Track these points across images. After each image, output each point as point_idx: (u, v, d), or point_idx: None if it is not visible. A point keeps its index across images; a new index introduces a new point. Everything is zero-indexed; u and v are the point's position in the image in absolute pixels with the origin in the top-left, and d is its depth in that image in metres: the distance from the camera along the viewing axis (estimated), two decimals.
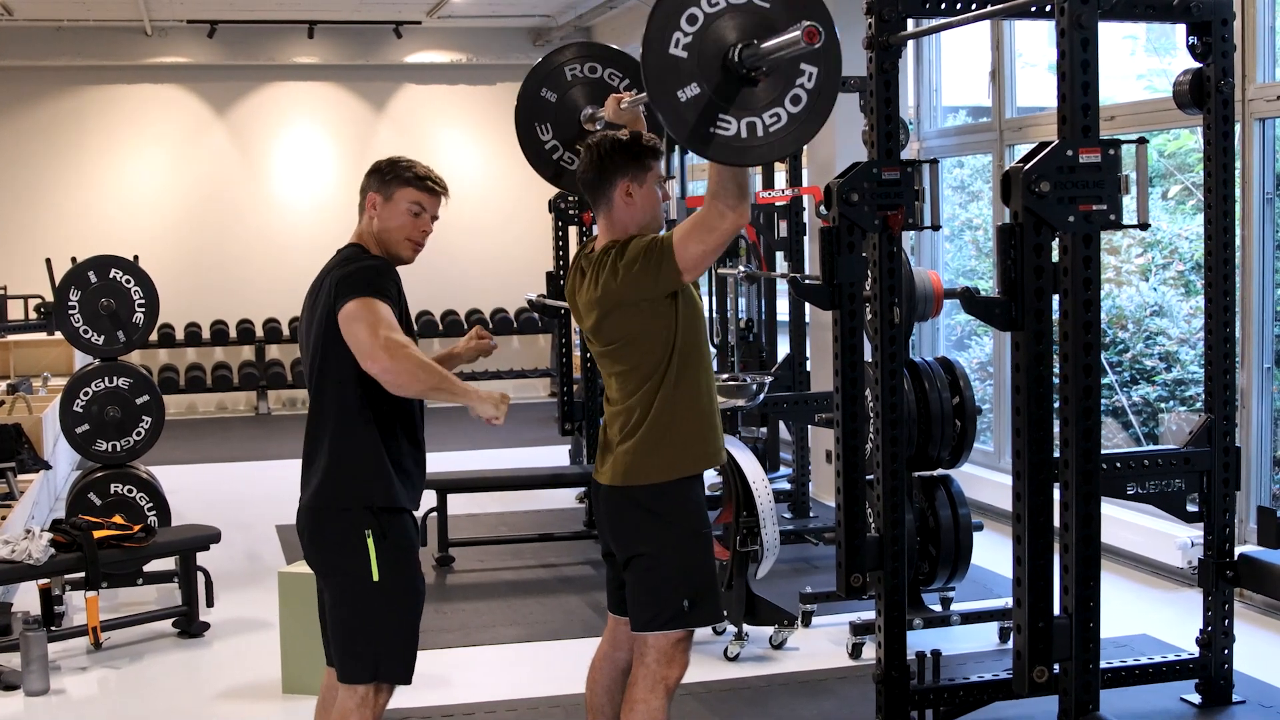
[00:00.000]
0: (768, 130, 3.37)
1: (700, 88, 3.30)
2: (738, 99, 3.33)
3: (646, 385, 3.67)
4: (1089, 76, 3.81)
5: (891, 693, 4.59)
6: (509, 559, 7.39)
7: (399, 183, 3.66)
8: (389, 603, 3.56)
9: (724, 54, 3.32)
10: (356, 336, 3.45)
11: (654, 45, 3.29)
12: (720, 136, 3.33)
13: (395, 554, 3.56)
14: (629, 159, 3.67)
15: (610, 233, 3.73)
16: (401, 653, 3.60)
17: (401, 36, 13.48)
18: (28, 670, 5.37)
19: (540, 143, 4.79)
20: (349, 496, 3.56)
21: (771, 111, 3.37)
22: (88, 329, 6.93)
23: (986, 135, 8.24)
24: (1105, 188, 3.78)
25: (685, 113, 3.30)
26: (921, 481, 5.61)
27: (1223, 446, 4.73)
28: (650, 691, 3.67)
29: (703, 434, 3.73)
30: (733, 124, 3.34)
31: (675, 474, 3.69)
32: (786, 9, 3.36)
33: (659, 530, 3.69)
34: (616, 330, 3.68)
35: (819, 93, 3.41)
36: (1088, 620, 3.97)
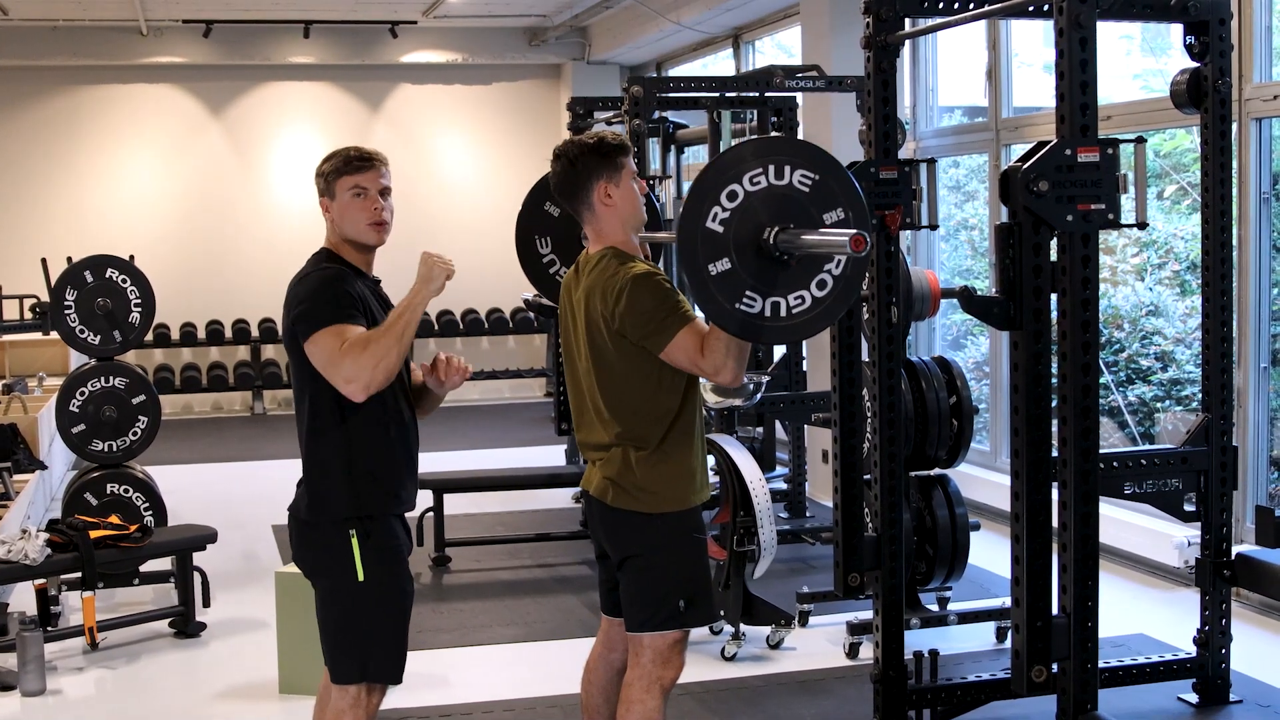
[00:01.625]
0: (791, 311, 3.39)
1: (731, 263, 3.33)
2: (766, 278, 3.35)
3: (635, 416, 3.64)
4: (1087, 76, 3.82)
5: (889, 692, 4.59)
6: (506, 559, 7.38)
7: (334, 176, 3.61)
8: (376, 603, 3.54)
9: (759, 234, 3.34)
10: (328, 378, 3.45)
11: (691, 217, 3.33)
12: (744, 313, 3.35)
13: (380, 554, 3.54)
14: (600, 159, 3.65)
15: (600, 238, 3.72)
16: (390, 652, 3.58)
17: (397, 36, 13.47)
18: (24, 670, 5.36)
19: (538, 255, 4.78)
20: (322, 509, 3.55)
21: (797, 294, 3.39)
22: (84, 329, 6.92)
23: (983, 135, 8.24)
24: (1103, 187, 3.78)
25: (713, 285, 3.33)
26: (919, 481, 5.61)
27: (1220, 446, 4.73)
28: (646, 692, 3.66)
29: (691, 471, 3.71)
30: (758, 301, 3.36)
31: (662, 508, 3.67)
32: (822, 196, 3.38)
33: (653, 531, 3.68)
34: (608, 356, 3.65)
35: (845, 279, 3.42)
36: (1086, 620, 3.97)
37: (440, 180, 14.04)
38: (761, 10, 10.65)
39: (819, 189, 3.37)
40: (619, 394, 3.64)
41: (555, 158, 3.72)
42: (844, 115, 8.26)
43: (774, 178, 3.35)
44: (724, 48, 11.90)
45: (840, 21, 8.60)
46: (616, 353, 3.61)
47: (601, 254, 3.68)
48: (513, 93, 14.29)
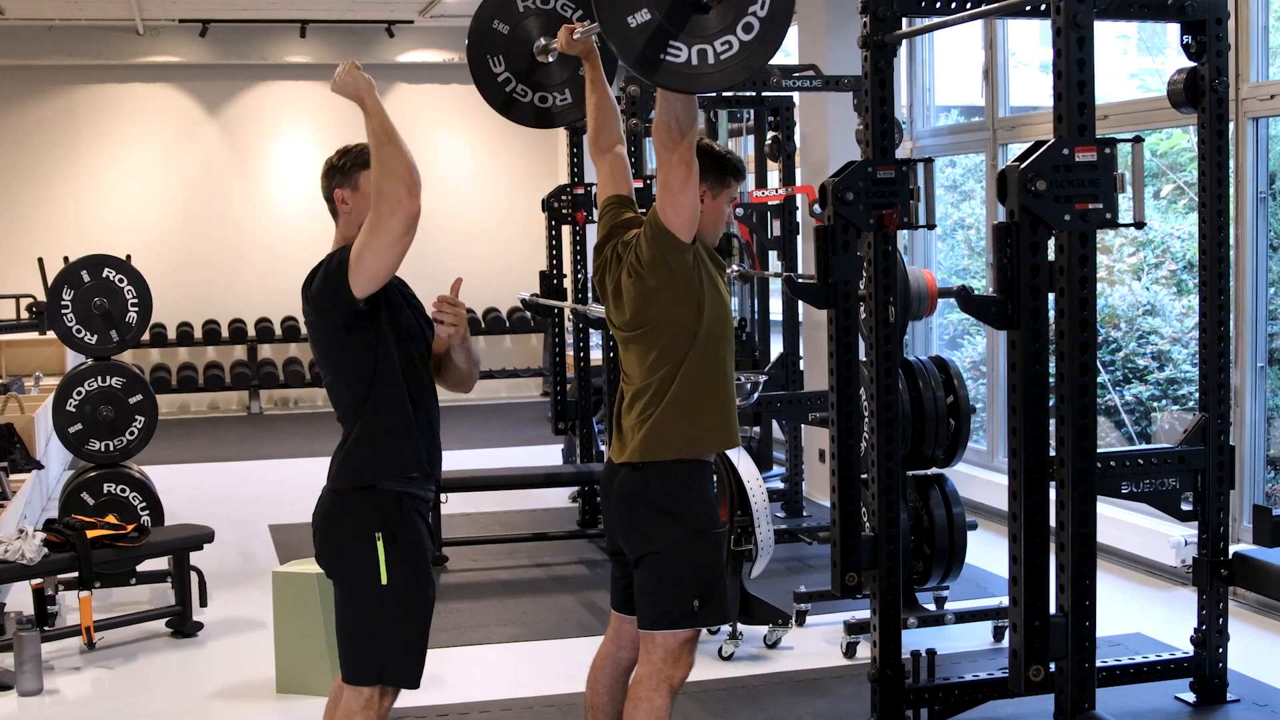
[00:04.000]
0: (719, 57, 3.34)
1: (651, 13, 3.28)
2: (688, 25, 3.30)
3: (668, 366, 3.68)
4: (1085, 75, 3.82)
5: (886, 692, 4.59)
6: (503, 558, 7.38)
7: (359, 168, 3.52)
8: (398, 606, 3.50)
9: None
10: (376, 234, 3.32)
11: None
12: (669, 63, 3.30)
13: (406, 556, 3.49)
14: (714, 167, 3.71)
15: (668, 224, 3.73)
16: (409, 656, 3.54)
17: (394, 36, 13.46)
18: (21, 670, 5.35)
19: (493, 75, 4.71)
20: (366, 472, 3.50)
21: (723, 39, 3.33)
22: (81, 328, 6.91)
23: (980, 134, 8.24)
24: (1101, 186, 3.78)
25: (635, 38, 3.28)
26: (916, 480, 5.61)
27: (1217, 445, 4.74)
28: (655, 690, 3.66)
29: (724, 413, 3.74)
30: (683, 51, 3.31)
31: (695, 452, 3.70)
32: None
33: (670, 529, 3.68)
34: (646, 315, 3.68)
35: (771, 19, 3.36)
36: (1083, 619, 3.97)
37: (437, 180, 13.98)
38: None
39: None
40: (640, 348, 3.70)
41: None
42: (841, 115, 8.26)
43: None
44: None
45: (837, 21, 8.60)
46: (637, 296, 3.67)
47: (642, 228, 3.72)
48: None
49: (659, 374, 3.70)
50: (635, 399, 3.76)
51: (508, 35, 4.65)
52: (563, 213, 8.07)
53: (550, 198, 8.16)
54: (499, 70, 4.70)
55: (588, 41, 4.14)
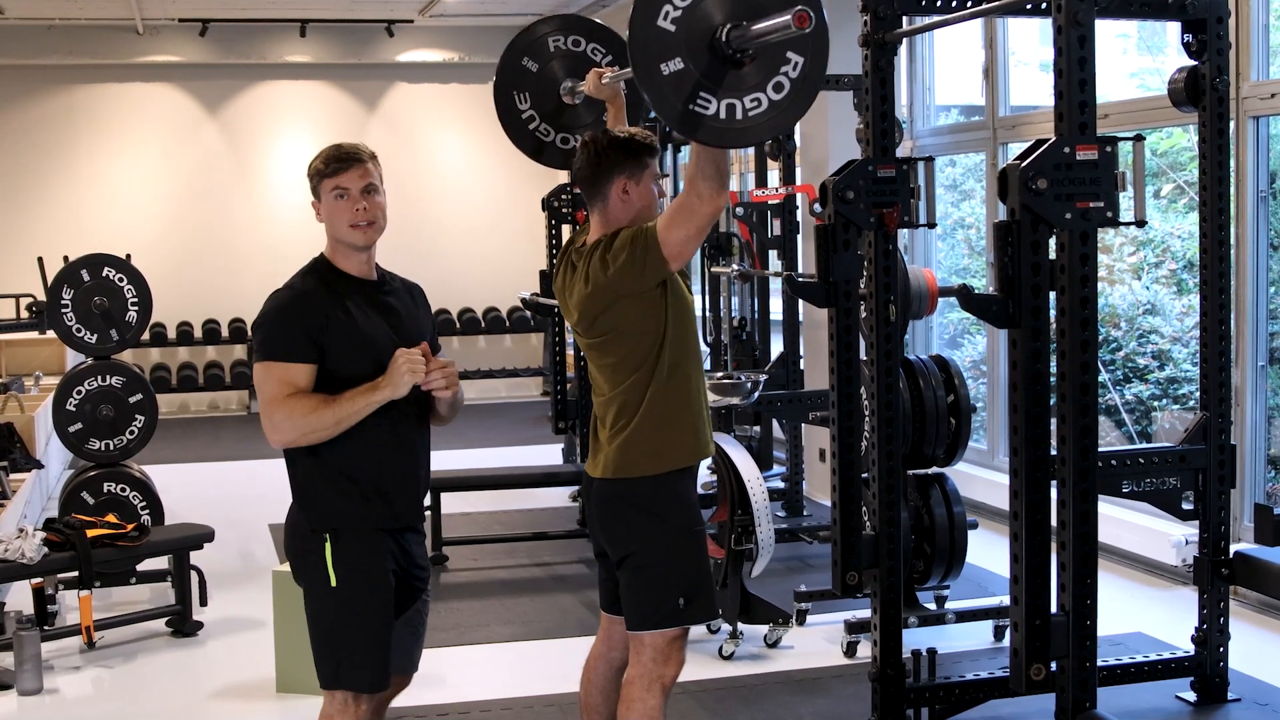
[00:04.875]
0: (747, 114, 3.33)
1: (684, 64, 3.27)
2: (721, 79, 3.30)
3: (635, 376, 3.66)
4: (1086, 74, 3.81)
5: (887, 691, 4.59)
6: (503, 558, 7.38)
7: (316, 179, 3.52)
8: (346, 608, 3.45)
9: (712, 32, 3.29)
10: (260, 406, 3.44)
11: (643, 15, 3.26)
12: (698, 115, 3.30)
13: (353, 559, 3.44)
14: (626, 155, 3.66)
15: (603, 228, 3.72)
16: (362, 660, 3.44)
17: (394, 35, 13.46)
18: (21, 670, 5.35)
19: (518, 113, 4.75)
20: (305, 513, 3.52)
21: (753, 96, 3.33)
22: (80, 328, 6.91)
23: (980, 133, 8.23)
24: (1102, 185, 3.78)
25: (666, 87, 3.27)
26: (916, 480, 5.61)
27: (1218, 444, 4.73)
28: (647, 690, 3.66)
29: (694, 426, 3.72)
30: (712, 104, 3.30)
31: (667, 466, 3.68)
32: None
33: (652, 528, 3.68)
34: (606, 322, 3.66)
35: (803, 81, 3.37)
36: (1085, 618, 3.97)
37: (436, 179, 14.01)
38: None
39: None
40: (612, 359, 3.67)
41: (582, 145, 3.72)
42: (841, 113, 8.25)
43: None
44: None
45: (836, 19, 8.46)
46: (611, 322, 3.64)
47: (595, 242, 3.69)
48: None
49: (623, 387, 3.68)
50: (604, 410, 3.76)
51: (536, 74, 4.70)
52: (563, 211, 8.07)
53: (550, 197, 8.16)
54: (524, 108, 4.76)
55: (615, 86, 4.16)
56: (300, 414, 3.36)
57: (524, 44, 4.71)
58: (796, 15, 3.07)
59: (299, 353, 3.38)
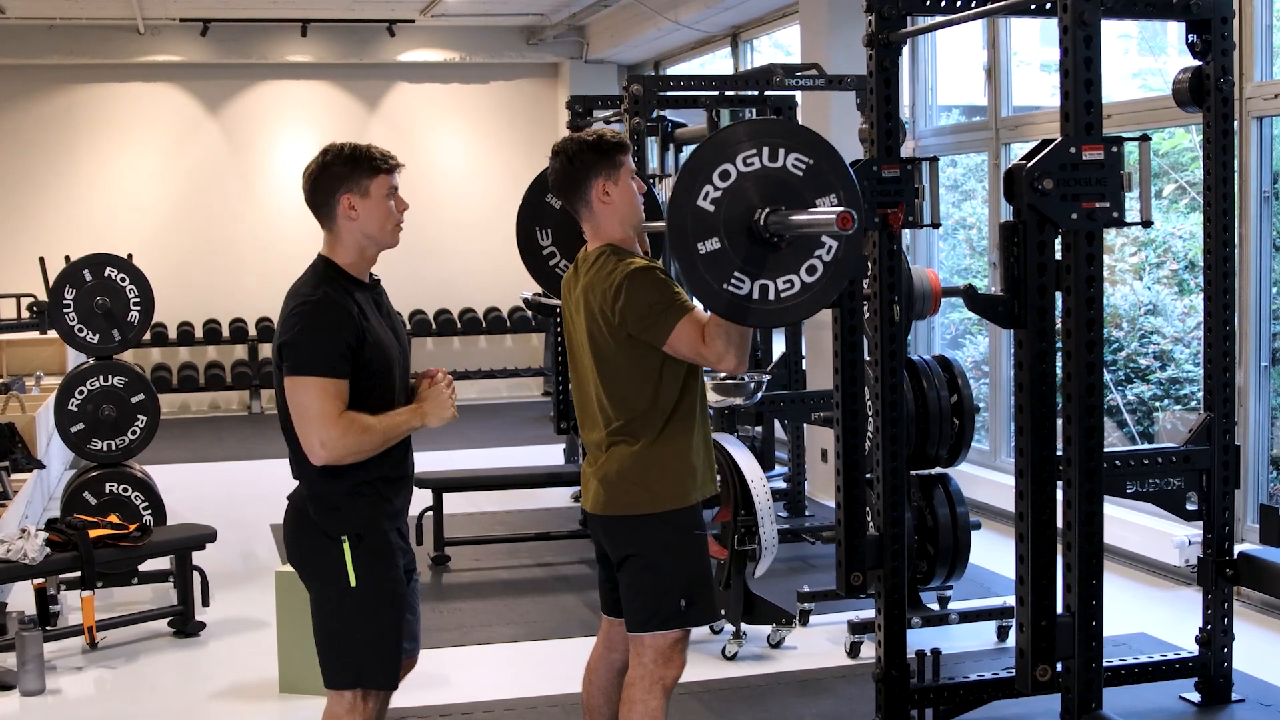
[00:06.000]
0: (779, 295, 3.37)
1: (721, 243, 3.31)
2: (756, 261, 3.34)
3: (637, 411, 3.63)
4: (1092, 74, 3.81)
5: (891, 691, 4.58)
6: (505, 558, 7.37)
7: (370, 173, 3.49)
8: (368, 608, 3.47)
9: (750, 215, 3.32)
10: (297, 425, 3.39)
11: (683, 193, 3.31)
12: (731, 294, 3.33)
13: (372, 558, 3.47)
14: (599, 156, 3.63)
15: (597, 236, 3.70)
16: (382, 658, 3.50)
17: (395, 35, 13.44)
18: (23, 670, 5.34)
19: (539, 247, 4.81)
20: (320, 520, 3.50)
21: (786, 278, 3.37)
22: (82, 328, 6.90)
23: (982, 134, 8.23)
24: (1108, 185, 3.77)
25: (701, 265, 3.31)
26: (920, 480, 5.60)
27: (1222, 445, 4.73)
28: (648, 692, 3.65)
29: (692, 469, 3.69)
30: (746, 283, 3.33)
31: (660, 507, 3.66)
32: (816, 181, 3.37)
33: (653, 530, 3.67)
34: (607, 352, 3.64)
35: (836, 265, 3.40)
36: (1090, 618, 3.96)
37: (437, 179, 14.00)
38: (760, 9, 10.64)
39: (813, 173, 3.36)
40: (619, 388, 3.64)
41: (554, 155, 3.69)
42: (843, 114, 8.26)
43: (768, 160, 3.34)
44: (722, 46, 11.89)
45: (839, 20, 8.59)
46: (616, 347, 3.60)
47: (599, 251, 3.67)
48: (510, 92, 14.28)
49: (616, 424, 3.65)
50: (594, 427, 3.74)
51: (559, 210, 4.74)
52: None
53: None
54: (545, 243, 4.80)
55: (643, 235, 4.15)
56: (354, 434, 3.36)
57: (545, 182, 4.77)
58: (840, 217, 3.11)
59: (341, 368, 3.37)
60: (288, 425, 3.47)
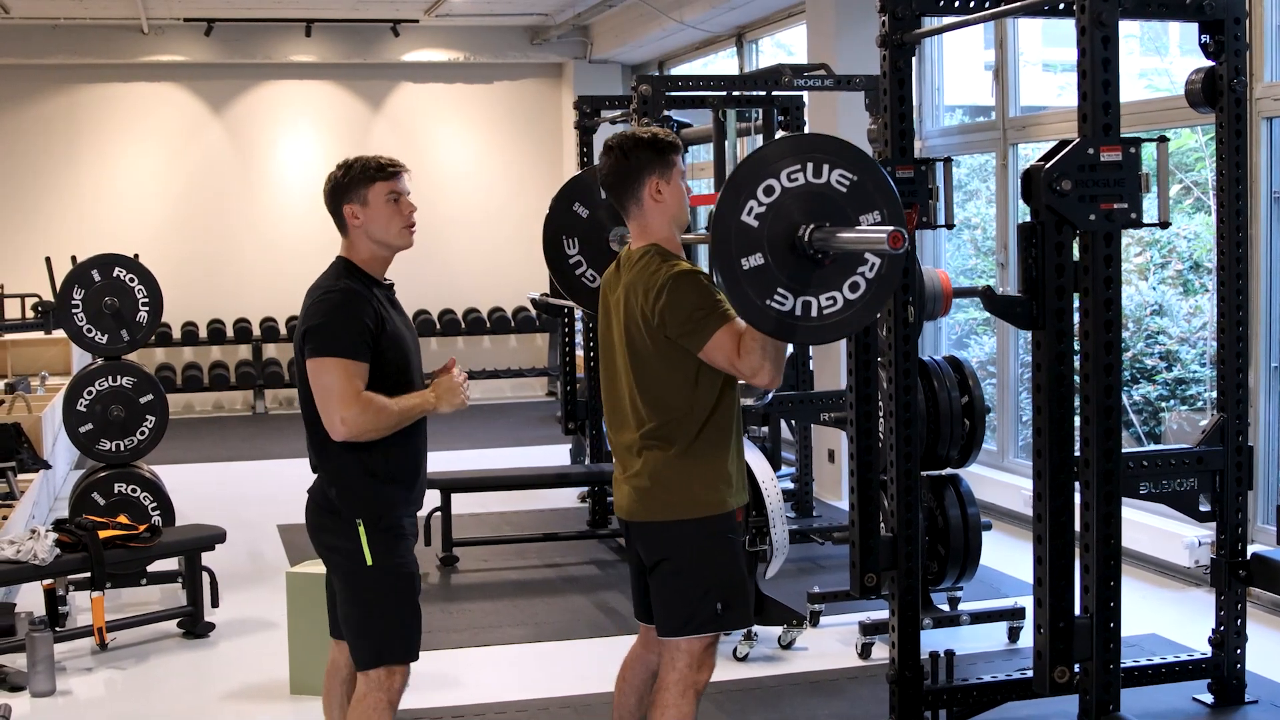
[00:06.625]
0: (822, 312, 3.37)
1: (764, 259, 3.32)
2: (799, 277, 3.34)
3: (671, 415, 3.62)
4: (1109, 74, 3.80)
5: (905, 693, 4.57)
6: (513, 559, 7.36)
7: (364, 184, 3.69)
8: (385, 586, 3.66)
9: (794, 231, 3.32)
10: (319, 402, 3.59)
11: (728, 208, 3.31)
12: (776, 310, 3.33)
13: (387, 541, 3.66)
14: (655, 154, 3.63)
15: (644, 234, 3.69)
16: (402, 634, 3.68)
17: (399, 35, 13.43)
18: (34, 671, 5.33)
19: (565, 256, 4.83)
20: (341, 503, 3.68)
21: (829, 295, 3.37)
22: (91, 328, 6.90)
23: (989, 134, 8.22)
24: (1126, 186, 3.77)
25: (744, 280, 3.31)
26: (930, 481, 5.59)
27: (1235, 445, 4.72)
28: (682, 696, 3.64)
29: (726, 476, 3.68)
30: (789, 300, 3.34)
31: (695, 514, 3.65)
32: (859, 197, 3.37)
33: (688, 536, 3.65)
34: (644, 353, 3.64)
35: (879, 282, 3.40)
36: (1108, 620, 3.96)
37: (441, 179, 13.99)
38: (765, 9, 10.62)
39: (856, 190, 3.36)
40: (654, 390, 3.62)
41: (606, 150, 3.69)
42: (851, 114, 8.25)
43: (812, 175, 3.34)
44: (726, 47, 11.88)
45: (846, 20, 8.59)
46: (654, 349, 3.59)
47: (645, 250, 3.66)
48: (514, 92, 14.27)
49: (649, 426, 3.64)
50: (624, 429, 3.73)
51: (586, 219, 4.75)
52: None
53: None
54: (572, 252, 4.81)
55: None
56: (372, 413, 3.55)
57: (576, 189, 4.78)
58: (891, 236, 3.10)
59: (361, 350, 3.58)
60: (310, 412, 3.65)
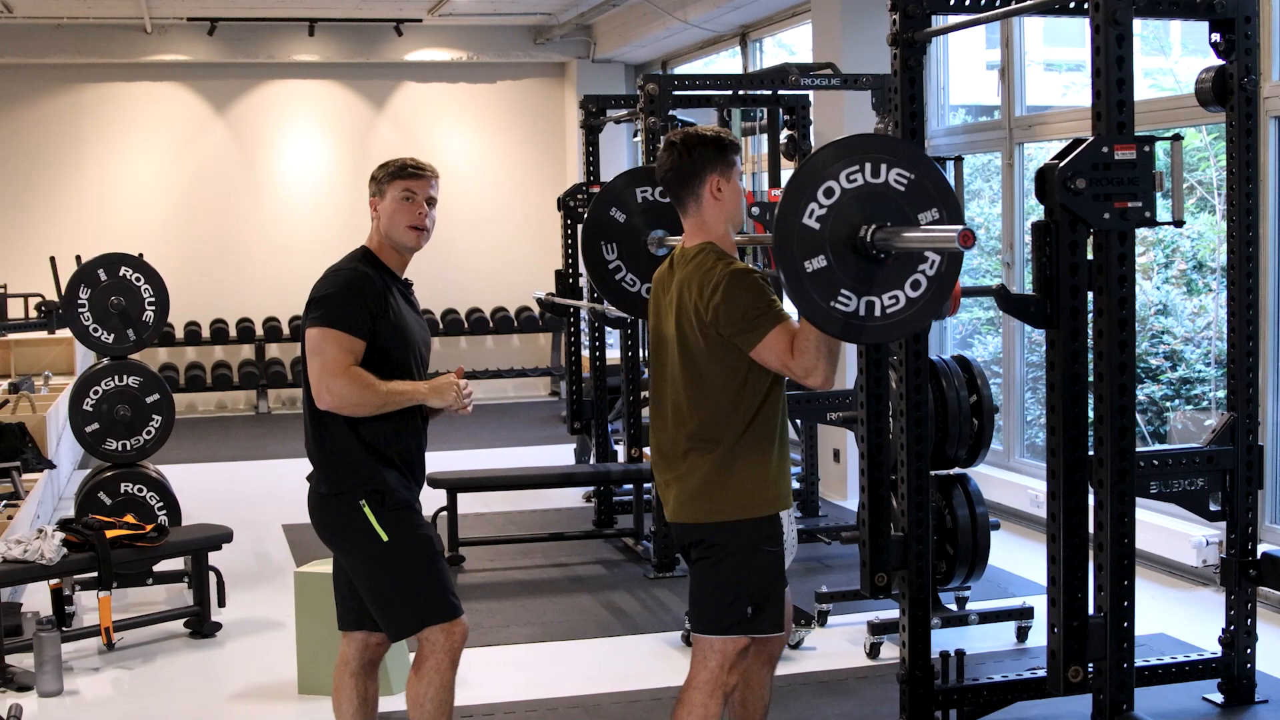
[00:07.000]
0: (884, 311, 3.39)
1: (827, 260, 3.34)
2: (862, 277, 3.36)
3: (715, 415, 3.63)
4: (1124, 73, 3.80)
5: (915, 692, 4.56)
6: (519, 559, 7.35)
7: (387, 180, 3.90)
8: (407, 555, 3.76)
9: (856, 232, 3.34)
10: (310, 369, 3.74)
11: (789, 212, 3.34)
12: (841, 312, 3.36)
13: (395, 514, 3.76)
14: (717, 152, 3.66)
15: (700, 231, 3.70)
16: (437, 592, 3.77)
17: (402, 34, 13.42)
18: (41, 671, 5.33)
19: (604, 261, 4.84)
20: (339, 483, 3.79)
21: (891, 294, 3.39)
22: (97, 327, 6.89)
23: (995, 133, 8.21)
24: (1140, 185, 3.76)
25: (808, 283, 3.34)
26: (939, 480, 5.58)
27: (1245, 445, 4.71)
28: (710, 696, 3.64)
29: (768, 480, 3.67)
30: (853, 300, 3.36)
31: (737, 515, 3.65)
32: (917, 195, 3.39)
33: (729, 536, 3.65)
34: (695, 351, 3.64)
35: (939, 280, 3.42)
36: (1122, 619, 3.95)
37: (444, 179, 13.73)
38: (769, 8, 10.62)
39: (914, 188, 3.38)
40: (703, 388, 3.63)
41: (669, 146, 3.71)
42: (857, 113, 8.24)
43: (870, 175, 3.37)
44: (730, 46, 11.88)
45: (851, 19, 8.58)
46: (705, 346, 3.61)
47: (700, 248, 3.67)
48: (517, 91, 14.26)
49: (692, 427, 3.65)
50: (665, 429, 3.74)
51: (623, 224, 4.78)
52: (578, 211, 8.05)
53: (566, 196, 8.14)
54: (610, 257, 4.84)
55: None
56: (358, 387, 3.68)
57: (613, 194, 4.82)
58: (961, 235, 3.12)
59: (360, 328, 3.72)
60: (307, 387, 3.77)
